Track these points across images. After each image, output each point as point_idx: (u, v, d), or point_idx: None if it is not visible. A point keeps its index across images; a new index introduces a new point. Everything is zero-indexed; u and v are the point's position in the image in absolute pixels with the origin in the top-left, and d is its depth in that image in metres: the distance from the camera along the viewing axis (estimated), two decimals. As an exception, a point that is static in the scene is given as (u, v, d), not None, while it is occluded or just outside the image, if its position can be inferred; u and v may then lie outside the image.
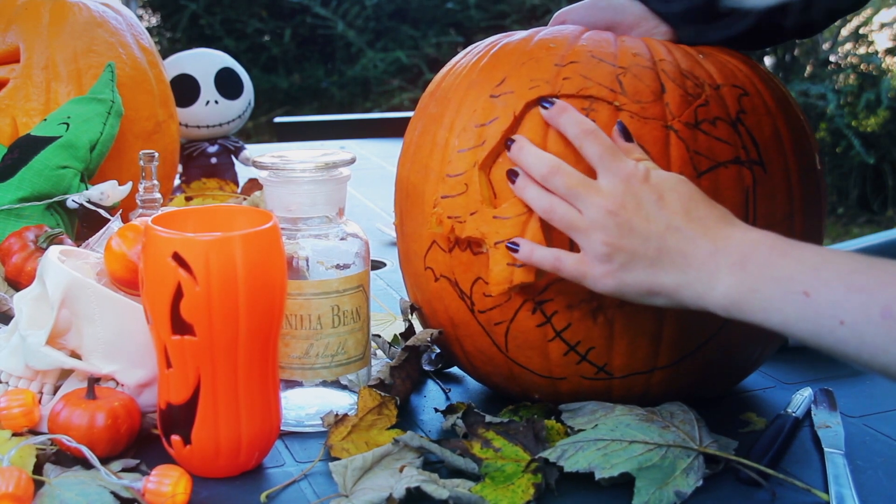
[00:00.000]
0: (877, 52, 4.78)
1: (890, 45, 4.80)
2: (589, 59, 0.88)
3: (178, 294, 0.78)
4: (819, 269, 0.71)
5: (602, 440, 0.82)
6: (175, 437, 0.82)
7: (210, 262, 0.77)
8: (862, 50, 4.83)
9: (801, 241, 0.75)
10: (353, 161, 0.92)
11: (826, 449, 0.88)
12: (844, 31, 4.83)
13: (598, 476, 0.78)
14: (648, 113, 0.85)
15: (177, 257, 0.78)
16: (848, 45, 4.85)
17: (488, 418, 0.87)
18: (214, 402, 0.81)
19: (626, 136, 0.84)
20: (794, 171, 0.90)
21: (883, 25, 4.79)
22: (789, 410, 0.94)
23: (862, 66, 4.75)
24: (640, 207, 0.78)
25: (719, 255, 0.75)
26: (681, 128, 0.86)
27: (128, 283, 0.91)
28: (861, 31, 4.81)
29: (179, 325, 0.79)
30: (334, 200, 0.92)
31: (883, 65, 4.73)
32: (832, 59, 4.79)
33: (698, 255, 0.76)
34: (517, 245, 0.84)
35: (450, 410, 0.93)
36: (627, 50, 0.90)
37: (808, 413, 0.96)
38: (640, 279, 0.78)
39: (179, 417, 0.81)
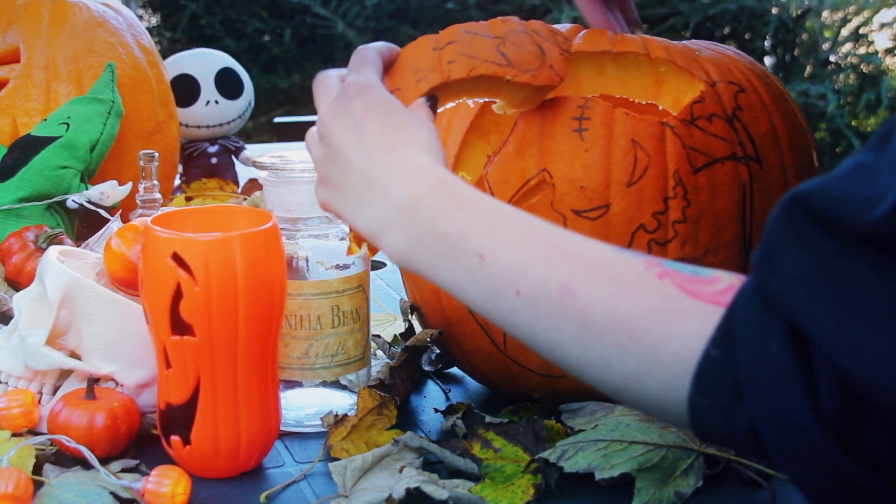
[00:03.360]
0: (877, 52, 4.78)
1: (890, 45, 4.80)
2: (465, 35, 0.83)
3: (178, 294, 0.78)
4: (497, 231, 0.64)
5: (602, 441, 0.82)
6: (174, 438, 0.82)
7: (209, 263, 0.77)
8: (862, 50, 4.83)
9: (478, 192, 0.67)
10: (352, 161, 0.92)
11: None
12: (844, 31, 4.83)
13: (598, 476, 0.78)
14: (540, 80, 0.82)
15: (176, 257, 0.77)
16: (848, 45, 4.85)
17: (488, 419, 0.87)
18: (214, 402, 0.81)
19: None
20: (790, 167, 0.90)
21: (883, 25, 4.79)
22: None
23: (862, 66, 4.75)
24: (343, 122, 0.72)
25: (390, 194, 0.67)
26: (676, 124, 0.86)
27: (127, 283, 0.91)
28: (861, 31, 4.81)
29: (179, 326, 0.79)
30: (334, 200, 0.92)
31: (883, 65, 4.73)
32: (832, 59, 4.79)
33: (374, 193, 0.69)
34: None
35: (450, 411, 0.92)
36: (498, 20, 0.85)
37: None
38: (331, 199, 0.73)
39: (179, 418, 0.81)
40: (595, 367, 0.60)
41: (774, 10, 4.77)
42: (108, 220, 1.22)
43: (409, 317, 1.03)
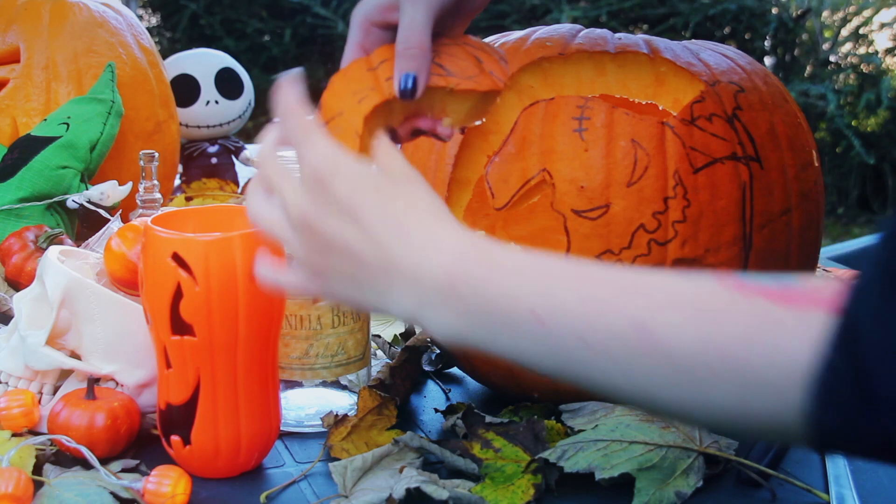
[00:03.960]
0: (877, 52, 4.78)
1: (890, 45, 4.80)
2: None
3: (178, 294, 0.78)
4: (548, 285, 0.58)
5: (602, 441, 0.82)
6: (174, 438, 0.82)
7: (210, 263, 0.77)
8: (862, 50, 4.83)
9: (509, 247, 0.61)
10: (352, 161, 0.92)
11: (826, 449, 0.87)
12: (844, 31, 4.83)
13: (598, 476, 0.78)
14: (484, 85, 0.76)
15: (176, 257, 0.77)
16: (848, 45, 4.85)
17: (488, 419, 0.87)
18: (214, 402, 0.81)
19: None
20: (790, 167, 0.90)
21: (883, 25, 4.80)
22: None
23: (862, 66, 4.75)
24: (330, 212, 0.64)
25: (421, 275, 0.61)
26: (676, 124, 0.86)
27: (127, 283, 0.91)
28: (861, 31, 4.81)
29: (179, 326, 0.79)
30: (334, 200, 0.92)
31: (883, 65, 4.73)
32: (832, 59, 4.79)
33: (401, 278, 0.62)
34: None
35: (450, 411, 0.93)
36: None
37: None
38: (348, 295, 0.65)
39: (179, 418, 0.81)
40: (690, 403, 0.54)
41: (774, 10, 4.77)
42: (108, 220, 1.21)
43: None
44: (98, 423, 0.83)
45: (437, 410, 0.95)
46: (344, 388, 0.94)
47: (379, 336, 1.07)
